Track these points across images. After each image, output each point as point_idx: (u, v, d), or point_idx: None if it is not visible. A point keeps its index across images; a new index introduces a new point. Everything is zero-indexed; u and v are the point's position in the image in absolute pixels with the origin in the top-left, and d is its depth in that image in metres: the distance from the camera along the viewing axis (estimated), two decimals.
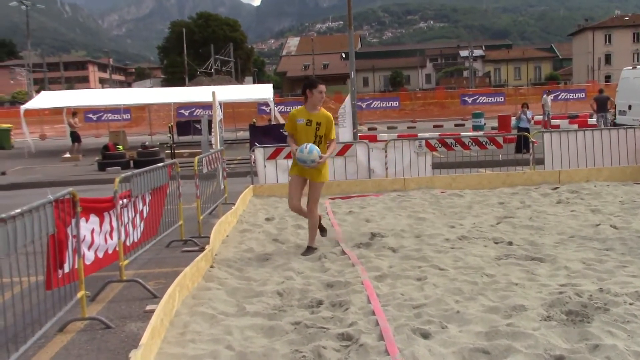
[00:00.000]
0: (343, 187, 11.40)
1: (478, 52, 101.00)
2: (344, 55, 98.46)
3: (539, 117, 27.75)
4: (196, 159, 8.64)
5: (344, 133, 16.81)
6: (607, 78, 76.03)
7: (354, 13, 18.83)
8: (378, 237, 7.20)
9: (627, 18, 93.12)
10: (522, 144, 15.09)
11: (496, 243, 6.77)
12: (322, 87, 6.72)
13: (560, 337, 3.92)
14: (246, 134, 23.97)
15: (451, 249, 6.50)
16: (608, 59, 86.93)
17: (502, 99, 41.40)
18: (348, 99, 17.75)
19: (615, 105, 21.40)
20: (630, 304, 4.49)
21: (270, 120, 25.90)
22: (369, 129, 33.60)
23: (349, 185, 11.45)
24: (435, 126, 34.69)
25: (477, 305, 4.64)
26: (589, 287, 4.90)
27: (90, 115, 34.77)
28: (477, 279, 5.33)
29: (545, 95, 27.63)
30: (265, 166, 11.75)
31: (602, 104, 22.43)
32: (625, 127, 13.39)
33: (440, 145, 12.29)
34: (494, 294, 4.90)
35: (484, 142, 12.38)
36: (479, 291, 4.99)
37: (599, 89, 29.80)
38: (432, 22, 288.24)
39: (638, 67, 22.21)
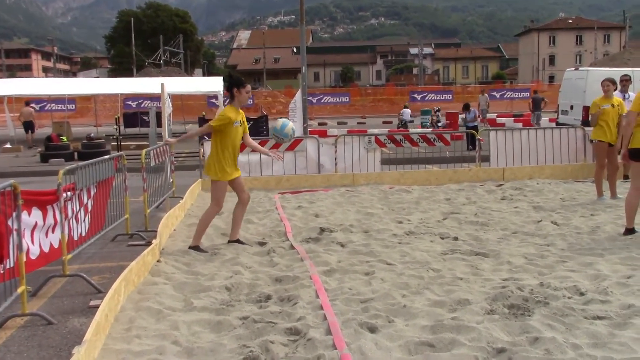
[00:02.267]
0: (292, 181, 11.41)
1: (428, 50, 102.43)
2: (295, 50, 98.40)
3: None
4: (143, 151, 8.50)
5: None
6: (551, 78, 78.21)
7: (306, 7, 18.82)
8: (327, 232, 7.24)
9: (570, 21, 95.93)
10: (472, 142, 15.39)
11: (442, 238, 6.90)
12: (249, 87, 6.67)
13: (502, 330, 4.02)
14: (195, 127, 23.69)
15: (399, 244, 6.59)
16: (552, 60, 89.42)
17: (450, 97, 42.18)
18: (299, 93, 17.77)
19: (558, 105, 22.09)
20: (569, 297, 4.65)
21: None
22: (319, 124, 33.69)
23: (299, 180, 11.46)
24: (384, 122, 35.03)
25: (423, 300, 4.71)
26: (530, 282, 5.05)
27: (33, 105, 33.74)
28: (423, 273, 5.42)
29: (481, 95, 29.06)
30: None
31: (537, 104, 25.49)
32: (567, 126, 13.82)
33: (389, 141, 12.42)
34: (439, 289, 4.99)
35: (432, 139, 12.57)
36: (425, 285, 5.07)
37: (534, 89, 32.08)
38: (383, 19, 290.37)
39: (580, 68, 22.93)
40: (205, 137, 15.18)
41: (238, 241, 6.87)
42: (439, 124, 26.94)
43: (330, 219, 8.16)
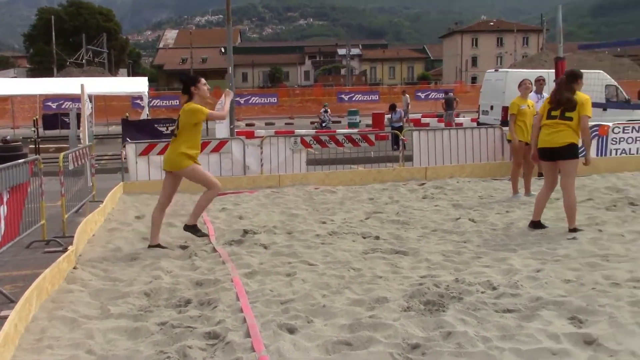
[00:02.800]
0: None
1: (355, 51, 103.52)
2: (223, 50, 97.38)
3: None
4: (61, 154, 8.24)
5: (220, 129, 16.67)
6: (474, 79, 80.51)
7: (233, 7, 18.70)
8: (250, 234, 7.22)
9: (492, 23, 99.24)
10: (397, 141, 15.68)
11: (364, 238, 7.00)
12: (204, 80, 6.94)
13: (418, 327, 4.13)
14: (119, 129, 23.12)
15: (321, 245, 6.65)
16: (475, 61, 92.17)
17: (377, 97, 42.75)
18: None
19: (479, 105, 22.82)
20: (482, 292, 4.82)
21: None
22: (247, 124, 33.50)
23: (224, 182, 11.29)
24: (312, 122, 35.15)
25: (343, 299, 4.78)
26: (446, 278, 5.20)
27: None
28: (344, 273, 5.49)
29: (402, 96, 30.19)
30: (137, 162, 11.41)
31: (450, 104, 26.64)
32: (486, 126, 14.28)
33: (315, 142, 12.51)
34: (359, 287, 5.07)
35: (357, 140, 12.75)
36: (345, 285, 5.14)
37: (446, 90, 33.65)
38: (311, 20, 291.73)
39: (499, 70, 23.77)
40: (128, 138, 14.87)
41: (159, 246, 6.77)
42: (324, 124, 27.56)
43: (254, 220, 8.14)
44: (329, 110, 30.34)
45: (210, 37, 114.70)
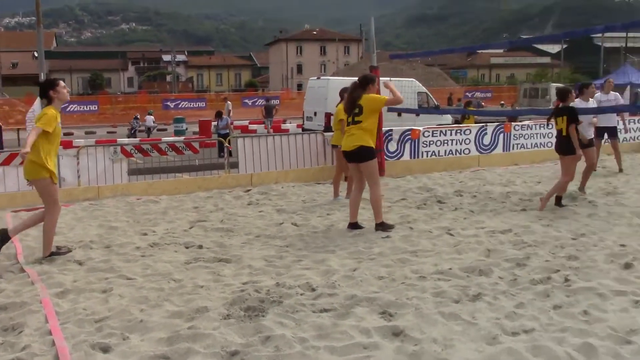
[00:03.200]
0: (28, 198, 10.45)
1: (181, 57, 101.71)
2: (35, 54, 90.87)
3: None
4: None
5: None
6: (299, 86, 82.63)
7: (47, 9, 17.64)
8: (64, 249, 6.79)
9: (315, 32, 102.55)
10: (219, 148, 15.61)
11: (187, 247, 6.88)
12: (62, 82, 6.59)
13: (237, 333, 4.14)
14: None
15: (141, 257, 6.43)
16: (300, 68, 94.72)
17: (204, 104, 42.41)
18: (37, 102, 16.40)
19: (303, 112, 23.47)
20: (301, 294, 4.94)
21: None
22: (65, 134, 31.52)
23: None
24: (139, 131, 33.95)
25: (162, 312, 4.65)
26: (267, 283, 5.27)
27: None
28: (164, 285, 5.36)
29: (225, 102, 31.08)
30: None
31: (269, 111, 28.36)
32: (310, 132, 14.71)
33: (136, 151, 12.08)
34: (179, 299, 4.97)
35: (180, 148, 12.51)
36: (165, 297, 5.02)
37: (267, 97, 34.98)
38: (134, 25, 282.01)
39: (321, 77, 24.62)
40: None
41: None
42: (133, 132, 27.43)
43: (68, 236, 7.66)
44: (139, 117, 29.92)
45: (20, 40, 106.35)
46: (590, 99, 10.72)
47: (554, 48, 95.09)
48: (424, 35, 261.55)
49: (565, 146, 8.65)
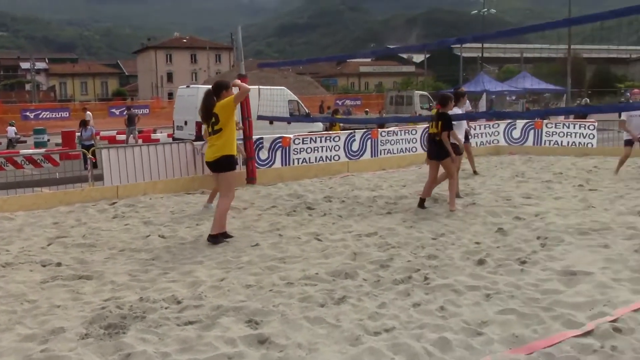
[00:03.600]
0: None
1: (41, 65, 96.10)
2: None
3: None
4: None
5: None
6: (170, 95, 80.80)
7: None
8: None
9: (185, 40, 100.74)
10: (84, 160, 14.89)
11: (44, 266, 6.49)
12: None
13: (96, 353, 3.96)
14: None
15: None
16: (170, 77, 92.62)
17: (68, 114, 40.37)
18: None
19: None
20: (166, 308, 4.82)
21: None
22: None
23: None
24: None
25: (13, 336, 4.36)
26: (130, 298, 5.09)
27: None
28: (16, 307, 5.02)
29: (85, 112, 30.30)
30: None
31: (131, 119, 27.48)
32: (179, 141, 14.40)
33: None
34: (33, 321, 4.68)
35: (39, 160, 11.82)
36: (17, 320, 4.70)
37: (128, 106, 34.28)
38: None
39: (191, 86, 24.23)
40: None
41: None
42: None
43: None
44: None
45: None
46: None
47: (418, 57, 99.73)
48: (295, 43, 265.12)
49: (438, 151, 9.07)
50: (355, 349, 3.92)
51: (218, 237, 7.27)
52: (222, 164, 7.28)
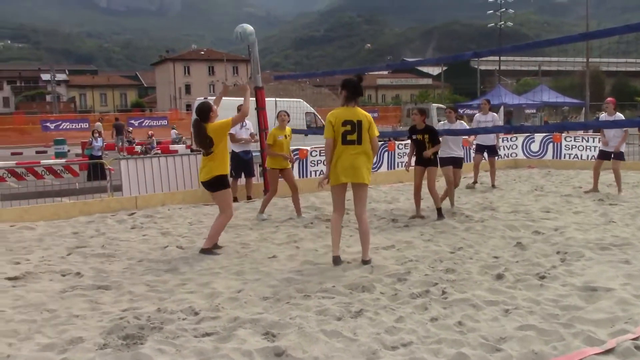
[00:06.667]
0: None
1: (61, 77, 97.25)
2: None
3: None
4: None
5: None
6: (188, 107, 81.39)
7: None
8: None
9: (202, 52, 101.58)
10: (97, 172, 14.94)
11: (63, 275, 6.54)
12: None
13: None
14: None
15: (12, 288, 6.04)
16: (188, 88, 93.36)
17: (87, 125, 40.78)
18: None
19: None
20: (183, 319, 4.83)
21: None
22: None
23: None
24: (13, 154, 32.07)
25: (32, 345, 4.38)
26: (148, 309, 5.10)
27: None
28: (36, 316, 5.05)
29: (95, 123, 31.55)
30: None
31: (119, 130, 30.30)
32: (197, 153, 14.48)
33: (9, 175, 11.41)
34: (52, 330, 4.71)
35: (59, 171, 11.95)
36: (36, 329, 4.73)
37: (115, 117, 35.43)
38: (9, 42, 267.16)
39: (209, 97, 24.35)
40: None
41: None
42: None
43: None
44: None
45: None
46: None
47: (435, 70, 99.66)
48: (312, 56, 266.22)
49: (428, 160, 9.60)
50: None
51: (209, 250, 7.41)
52: (215, 184, 7.48)
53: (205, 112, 7.49)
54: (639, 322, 4.45)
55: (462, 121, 11.08)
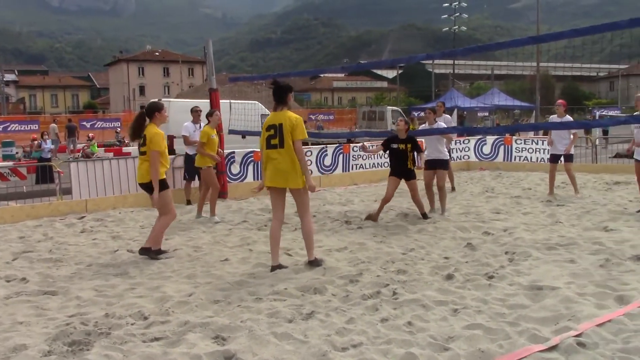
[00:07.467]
0: None
1: (11, 77, 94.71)
2: None
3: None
4: None
5: None
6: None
7: None
8: None
9: (157, 53, 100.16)
10: (45, 174, 14.56)
11: (8, 281, 6.36)
12: None
13: None
14: None
15: None
16: (142, 90, 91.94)
17: (37, 127, 39.73)
18: None
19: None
20: (132, 324, 4.75)
21: None
22: None
23: None
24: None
25: None
26: (96, 314, 5.01)
27: None
28: None
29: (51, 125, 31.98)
30: None
31: (71, 132, 30.09)
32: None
33: None
34: None
35: (5, 174, 11.62)
36: None
37: (68, 118, 35.30)
38: None
39: (163, 99, 24.06)
40: None
41: None
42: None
43: None
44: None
45: None
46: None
47: (391, 73, 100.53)
48: (268, 58, 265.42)
49: (406, 172, 9.51)
50: None
51: (150, 251, 7.24)
52: (152, 187, 7.31)
53: (151, 110, 7.44)
54: (581, 319, 4.58)
55: (447, 114, 11.13)
